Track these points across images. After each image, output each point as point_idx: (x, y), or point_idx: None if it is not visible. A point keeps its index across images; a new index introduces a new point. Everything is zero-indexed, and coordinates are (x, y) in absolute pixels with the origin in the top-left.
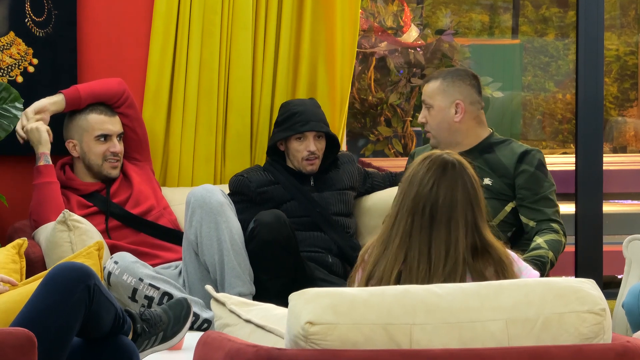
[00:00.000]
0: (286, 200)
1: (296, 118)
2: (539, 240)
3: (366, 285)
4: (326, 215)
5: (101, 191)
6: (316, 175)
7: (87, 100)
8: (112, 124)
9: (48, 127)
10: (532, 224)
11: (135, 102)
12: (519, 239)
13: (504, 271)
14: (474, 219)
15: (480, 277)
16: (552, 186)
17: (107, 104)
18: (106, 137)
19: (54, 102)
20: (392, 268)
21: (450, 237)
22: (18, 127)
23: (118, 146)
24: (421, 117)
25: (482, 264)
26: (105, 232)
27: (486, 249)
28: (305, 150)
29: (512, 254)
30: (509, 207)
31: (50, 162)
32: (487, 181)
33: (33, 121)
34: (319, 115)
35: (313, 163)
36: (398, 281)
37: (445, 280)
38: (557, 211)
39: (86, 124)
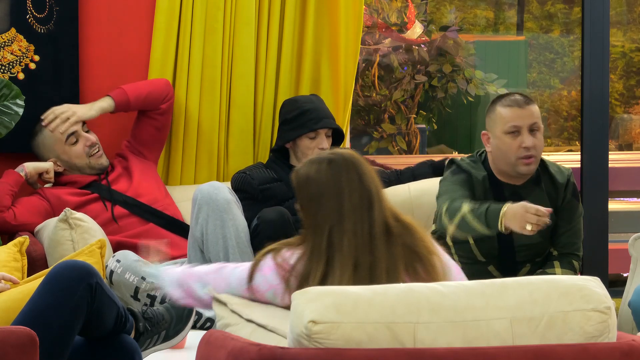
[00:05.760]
0: (288, 197)
1: (308, 116)
2: (558, 270)
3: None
4: None
5: (99, 181)
6: (292, 172)
7: (136, 103)
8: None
9: (50, 166)
10: (555, 253)
11: (173, 107)
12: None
13: (419, 246)
14: (385, 202)
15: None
16: (582, 213)
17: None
18: (75, 134)
19: (103, 109)
20: (341, 271)
21: (388, 219)
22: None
23: (90, 137)
24: (531, 142)
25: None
26: (112, 219)
27: (406, 227)
28: (316, 148)
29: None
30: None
31: (21, 174)
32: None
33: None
34: (327, 111)
35: None
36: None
37: (388, 262)
38: (581, 245)
39: (50, 137)
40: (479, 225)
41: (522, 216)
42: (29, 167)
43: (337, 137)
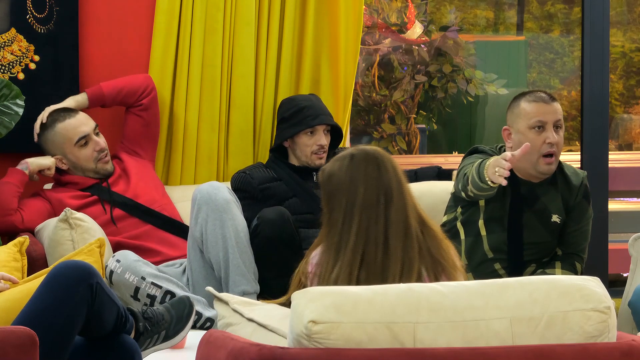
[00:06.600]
0: (289, 197)
1: (305, 112)
2: (558, 271)
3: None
4: None
5: (100, 183)
6: (319, 171)
7: (110, 95)
8: (85, 124)
9: (52, 163)
10: (559, 252)
11: (157, 101)
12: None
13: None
14: (413, 200)
15: (430, 256)
16: (592, 216)
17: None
18: (86, 138)
19: (76, 100)
20: (349, 269)
21: (408, 220)
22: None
23: (101, 142)
24: (555, 138)
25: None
26: (111, 221)
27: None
28: (315, 145)
29: None
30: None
31: (25, 172)
32: (555, 218)
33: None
34: (325, 109)
35: (322, 157)
36: (358, 281)
37: (403, 263)
38: (587, 247)
39: (60, 136)
40: (477, 179)
41: (492, 166)
42: (33, 165)
43: (336, 135)
